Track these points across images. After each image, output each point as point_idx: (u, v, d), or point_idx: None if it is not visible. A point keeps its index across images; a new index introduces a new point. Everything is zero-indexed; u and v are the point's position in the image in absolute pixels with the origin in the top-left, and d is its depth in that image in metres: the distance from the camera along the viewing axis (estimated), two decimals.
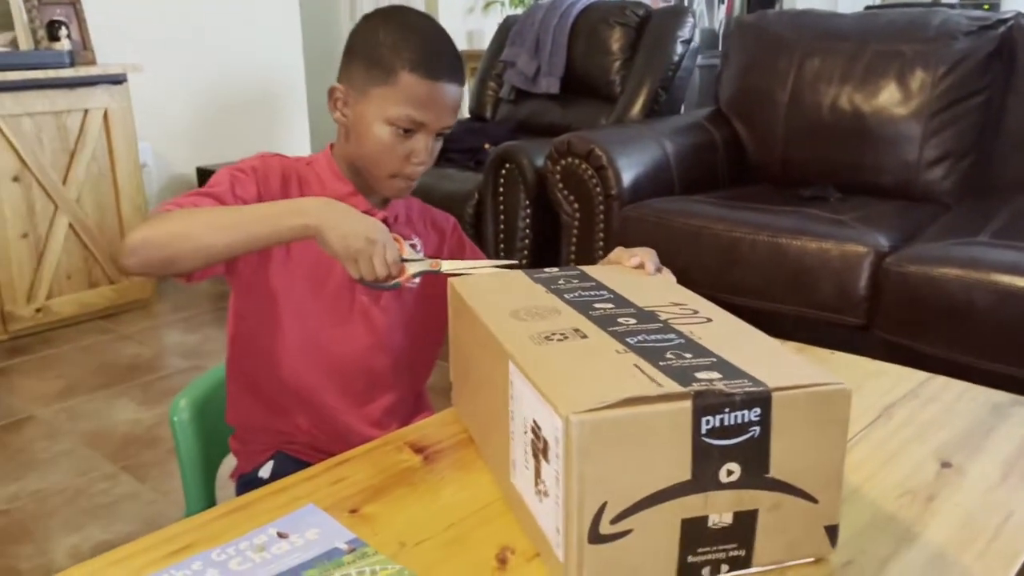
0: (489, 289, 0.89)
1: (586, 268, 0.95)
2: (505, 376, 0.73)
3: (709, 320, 0.78)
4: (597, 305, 0.82)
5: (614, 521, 0.62)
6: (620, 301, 0.83)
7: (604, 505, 0.62)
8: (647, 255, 0.97)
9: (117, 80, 2.90)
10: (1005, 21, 2.35)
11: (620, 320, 0.77)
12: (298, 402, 1.08)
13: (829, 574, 0.69)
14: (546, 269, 0.94)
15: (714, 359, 0.68)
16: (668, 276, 0.96)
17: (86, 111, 2.85)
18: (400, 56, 0.99)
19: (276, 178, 1.04)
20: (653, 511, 0.63)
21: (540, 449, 0.66)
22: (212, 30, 3.58)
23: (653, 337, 0.73)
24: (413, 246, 1.11)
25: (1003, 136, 2.32)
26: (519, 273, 0.94)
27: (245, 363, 1.10)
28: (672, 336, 0.73)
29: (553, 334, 0.74)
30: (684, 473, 0.63)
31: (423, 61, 0.99)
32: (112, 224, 2.98)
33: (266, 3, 3.76)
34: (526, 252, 2.60)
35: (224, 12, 3.62)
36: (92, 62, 3.03)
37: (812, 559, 0.70)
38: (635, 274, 0.95)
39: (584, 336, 0.74)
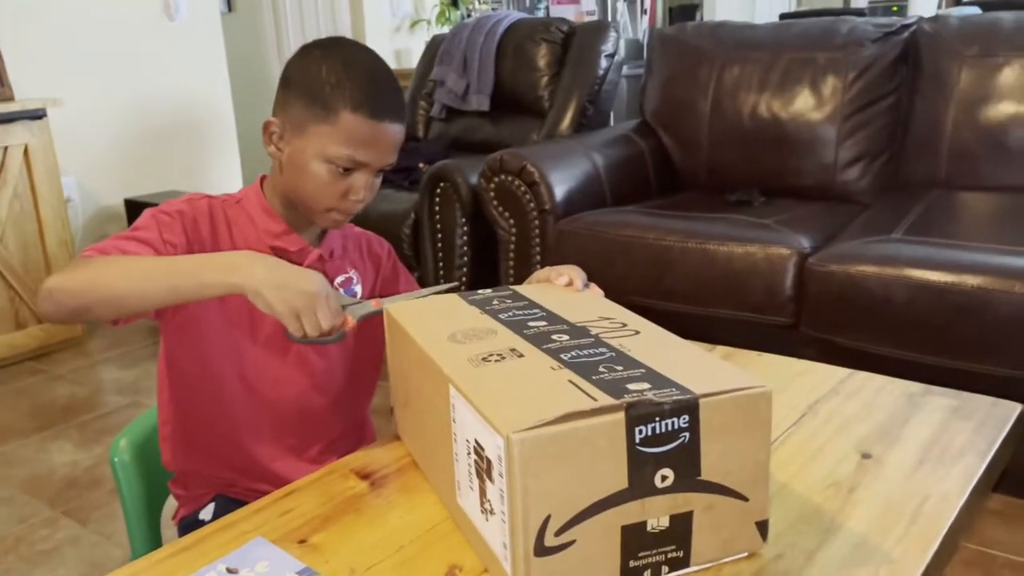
0: (426, 314, 0.91)
1: (518, 288, 0.98)
2: (446, 400, 0.74)
3: (637, 332, 0.82)
4: (531, 324, 0.84)
5: (558, 533, 0.65)
6: (553, 319, 0.86)
7: (548, 518, 0.64)
8: (574, 272, 0.99)
9: (36, 115, 2.84)
10: (908, 27, 2.48)
11: (554, 337, 0.80)
12: (233, 449, 1.06)
13: (761, 568, 0.72)
14: (480, 291, 0.96)
15: (643, 370, 0.71)
16: (596, 291, 0.99)
17: (5, 148, 2.78)
18: (342, 95, 0.96)
19: (205, 222, 1.01)
20: (594, 520, 0.66)
21: (484, 469, 0.68)
22: (133, 61, 3.53)
23: (586, 352, 0.76)
24: (350, 279, 1.11)
25: (912, 136, 2.44)
26: (454, 297, 0.95)
27: (179, 409, 1.08)
28: (603, 350, 0.76)
29: (490, 355, 0.76)
30: (621, 481, 0.66)
31: (366, 101, 0.96)
32: (37, 262, 2.91)
33: (189, 33, 3.72)
34: (465, 269, 2.63)
35: (145, 43, 3.56)
36: (10, 98, 2.96)
37: (745, 554, 0.74)
38: (565, 291, 0.97)
39: (520, 355, 0.76)
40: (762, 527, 0.73)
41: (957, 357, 1.72)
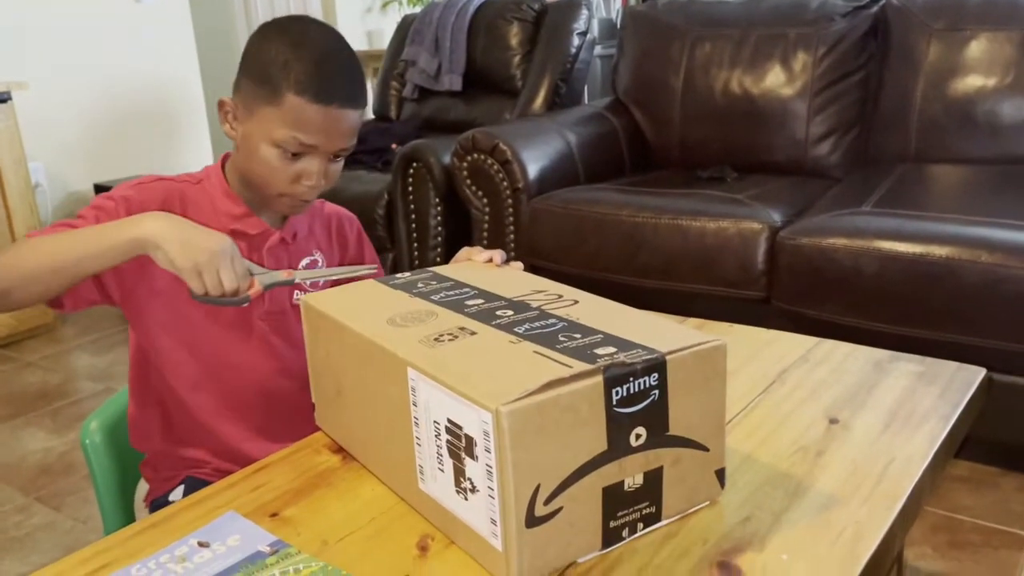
0: (351, 302, 0.88)
1: (437, 268, 0.96)
2: (402, 384, 0.73)
3: (576, 302, 0.82)
4: (469, 303, 0.83)
5: (547, 502, 0.65)
6: (488, 296, 0.85)
7: (538, 488, 0.65)
8: (494, 252, 0.98)
9: (1, 99, 2.79)
10: (877, 1, 2.49)
11: (498, 313, 0.80)
12: (201, 432, 1.05)
13: (729, 530, 0.73)
14: (397, 275, 0.94)
15: (602, 336, 0.73)
16: (516, 265, 0.98)
17: None
18: (287, 76, 0.92)
19: (155, 207, 0.97)
20: (579, 485, 0.67)
21: (462, 448, 0.67)
22: (100, 44, 3.47)
23: (537, 324, 0.76)
24: (315, 262, 1.09)
25: (881, 110, 2.46)
26: (372, 283, 0.93)
27: (146, 391, 1.07)
28: (553, 321, 0.77)
29: (441, 335, 0.75)
30: (601, 444, 0.67)
31: (311, 83, 0.93)
32: (5, 249, 2.86)
33: (155, 15, 3.66)
34: (439, 249, 2.62)
35: (112, 25, 3.50)
36: None
37: (707, 503, 0.76)
38: (485, 268, 0.96)
39: (473, 333, 0.75)
40: (720, 475, 0.76)
41: (925, 326, 1.74)
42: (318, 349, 0.90)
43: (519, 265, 0.98)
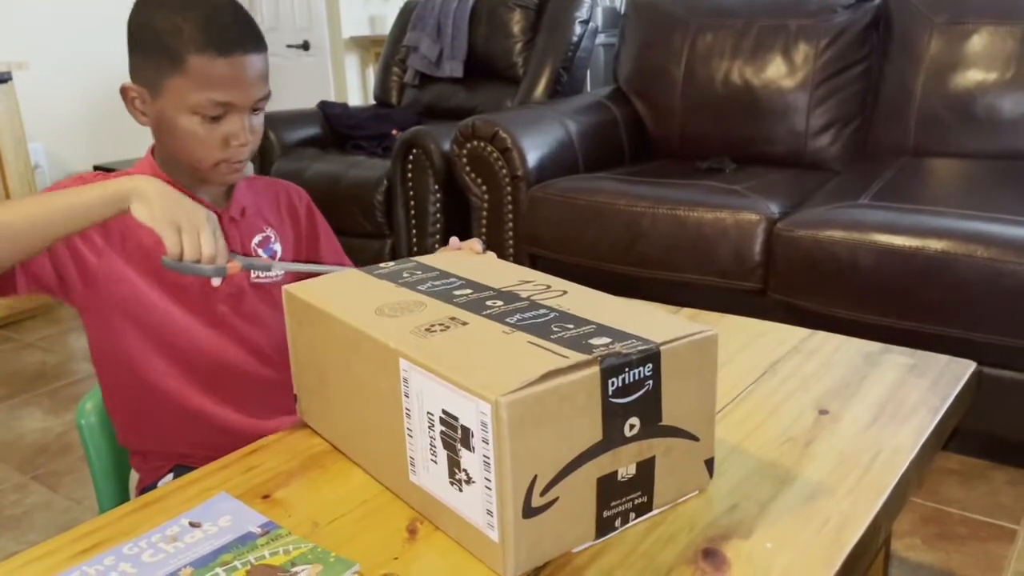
0: (336, 291, 0.86)
1: (419, 258, 0.95)
2: (393, 375, 0.72)
3: (565, 292, 0.82)
4: (456, 292, 0.82)
5: (543, 493, 0.65)
6: (476, 286, 0.84)
7: (535, 479, 0.65)
8: (471, 241, 0.98)
9: (1, 79, 2.78)
10: None
11: (488, 303, 0.79)
12: (183, 416, 1.03)
13: (716, 518, 0.74)
14: (380, 265, 0.93)
15: (594, 326, 0.73)
16: (491, 255, 0.98)
17: None
18: (183, 39, 0.91)
19: None
20: (574, 476, 0.67)
21: (458, 439, 0.67)
22: (100, 25, 3.46)
23: (529, 315, 0.76)
24: (268, 238, 1.07)
25: (882, 103, 2.45)
26: (356, 272, 0.92)
27: (119, 390, 1.05)
28: (544, 311, 0.77)
29: (432, 325, 0.75)
30: (597, 434, 0.67)
31: (210, 38, 0.91)
32: None
33: None
34: (438, 236, 2.62)
35: (111, 5, 3.49)
36: None
37: (696, 492, 0.77)
38: (467, 258, 0.96)
39: (464, 323, 0.75)
40: (709, 464, 0.77)
41: (921, 320, 1.74)
42: (301, 339, 0.88)
43: (491, 255, 0.98)
